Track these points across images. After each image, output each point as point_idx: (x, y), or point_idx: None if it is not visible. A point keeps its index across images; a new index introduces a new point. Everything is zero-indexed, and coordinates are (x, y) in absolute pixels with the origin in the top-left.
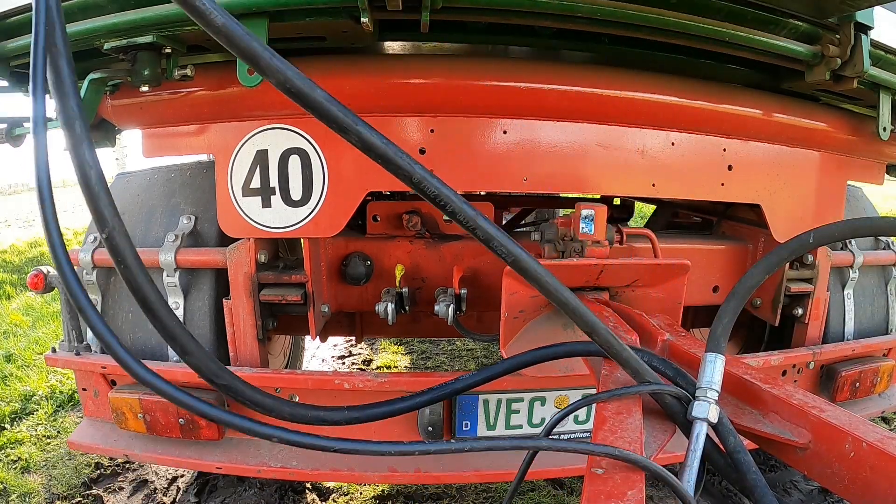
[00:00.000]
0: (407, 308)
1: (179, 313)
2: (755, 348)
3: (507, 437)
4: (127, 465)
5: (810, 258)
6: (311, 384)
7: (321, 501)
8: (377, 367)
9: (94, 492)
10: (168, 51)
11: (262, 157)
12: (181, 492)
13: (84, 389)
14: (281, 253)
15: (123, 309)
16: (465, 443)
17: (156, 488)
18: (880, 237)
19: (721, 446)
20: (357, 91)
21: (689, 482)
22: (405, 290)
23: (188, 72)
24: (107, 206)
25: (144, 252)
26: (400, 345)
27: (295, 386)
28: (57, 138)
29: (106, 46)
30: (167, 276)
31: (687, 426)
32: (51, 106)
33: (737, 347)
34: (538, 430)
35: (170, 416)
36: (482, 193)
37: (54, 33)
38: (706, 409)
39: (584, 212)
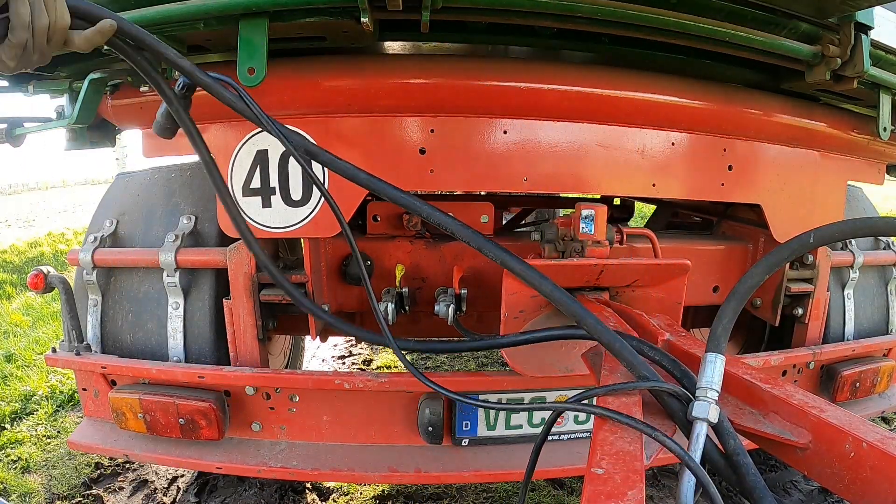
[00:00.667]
0: (407, 308)
1: (179, 313)
2: (755, 348)
3: (530, 401)
4: (127, 465)
5: (810, 258)
6: (311, 384)
7: (321, 501)
8: (377, 367)
9: (94, 492)
10: None
11: (262, 157)
12: (181, 492)
13: (84, 389)
14: (281, 253)
15: (124, 309)
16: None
17: (156, 488)
18: (880, 237)
19: (720, 447)
20: (357, 91)
21: (688, 482)
22: (405, 290)
23: None
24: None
25: (144, 252)
26: None
27: (295, 386)
28: (57, 138)
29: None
30: (167, 276)
31: (687, 426)
32: (50, 106)
33: (737, 347)
34: (538, 431)
35: (170, 416)
36: (482, 193)
37: None
38: (706, 409)
39: (585, 212)
